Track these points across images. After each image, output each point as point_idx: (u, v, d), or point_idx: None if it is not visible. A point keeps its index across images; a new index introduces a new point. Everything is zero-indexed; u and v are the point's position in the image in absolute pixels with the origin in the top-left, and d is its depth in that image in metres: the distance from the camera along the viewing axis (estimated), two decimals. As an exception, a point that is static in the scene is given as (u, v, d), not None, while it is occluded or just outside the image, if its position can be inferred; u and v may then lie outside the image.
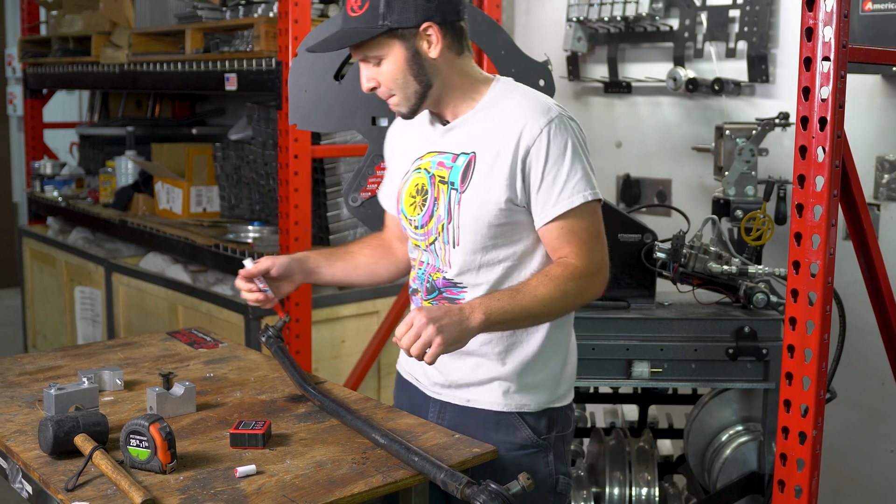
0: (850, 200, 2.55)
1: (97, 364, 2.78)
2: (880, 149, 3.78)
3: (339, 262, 2.66)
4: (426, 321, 2.06)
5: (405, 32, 2.22)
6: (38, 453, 2.12)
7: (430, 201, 2.35)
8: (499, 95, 2.34)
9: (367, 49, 2.25)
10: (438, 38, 2.24)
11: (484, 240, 2.30)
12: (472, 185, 2.28)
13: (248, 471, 2.02)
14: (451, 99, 2.34)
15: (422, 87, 2.28)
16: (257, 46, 4.27)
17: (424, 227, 2.38)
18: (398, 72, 2.26)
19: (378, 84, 2.30)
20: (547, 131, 2.22)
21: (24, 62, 6.95)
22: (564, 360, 2.43)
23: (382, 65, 2.26)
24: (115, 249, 5.99)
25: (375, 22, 2.20)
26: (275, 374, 2.73)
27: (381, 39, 2.23)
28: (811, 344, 2.34)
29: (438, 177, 2.33)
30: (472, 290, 2.33)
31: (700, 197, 4.36)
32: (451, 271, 2.35)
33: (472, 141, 2.31)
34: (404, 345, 2.08)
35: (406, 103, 2.31)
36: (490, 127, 2.29)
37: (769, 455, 3.12)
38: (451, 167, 2.31)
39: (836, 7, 2.24)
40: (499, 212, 2.26)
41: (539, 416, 2.38)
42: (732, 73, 4.22)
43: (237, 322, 4.39)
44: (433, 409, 2.47)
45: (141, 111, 7.10)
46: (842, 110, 2.30)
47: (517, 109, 2.28)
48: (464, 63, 2.33)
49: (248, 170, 5.08)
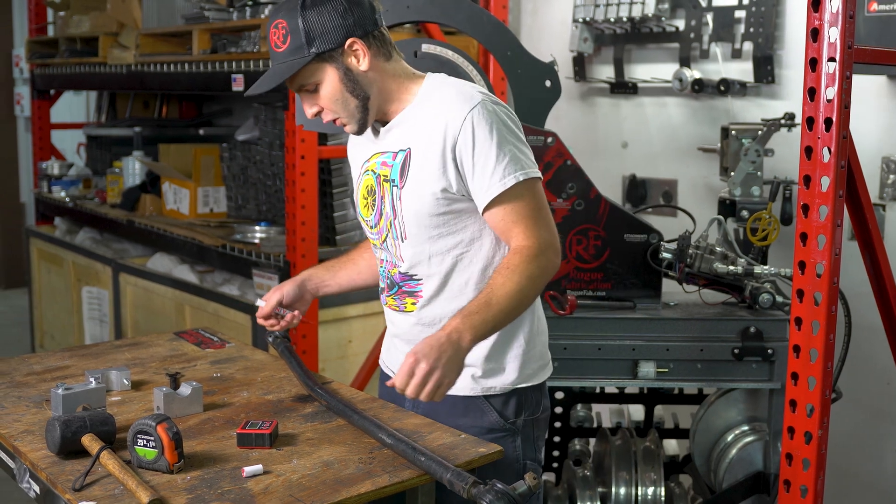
0: (856, 201, 2.55)
1: (104, 364, 2.78)
2: (886, 149, 3.78)
3: (341, 272, 2.73)
4: (428, 368, 2.08)
5: (332, 54, 2.28)
6: (45, 453, 2.13)
7: (378, 200, 2.42)
8: (427, 91, 2.38)
9: (300, 79, 2.31)
10: (364, 51, 2.30)
11: (428, 230, 2.35)
12: (410, 180, 2.33)
13: (254, 470, 2.03)
14: (388, 104, 2.39)
15: (360, 101, 2.33)
16: (264, 47, 4.28)
17: (377, 226, 2.45)
18: (336, 93, 2.31)
19: (320, 108, 2.36)
20: (470, 119, 2.25)
21: (32, 63, 6.96)
22: (529, 339, 2.44)
23: (320, 90, 2.32)
24: (123, 250, 6.00)
25: (301, 52, 2.26)
26: (282, 374, 2.74)
27: (311, 67, 2.29)
28: (817, 344, 2.34)
29: (382, 176, 2.40)
30: (428, 281, 2.39)
31: (706, 197, 4.36)
32: (403, 265, 2.42)
33: (406, 137, 2.36)
34: (411, 394, 2.10)
35: (352, 120, 2.36)
36: (420, 122, 2.34)
37: (775, 455, 3.12)
38: (392, 165, 2.37)
39: (841, 8, 2.24)
40: (436, 202, 2.31)
41: (506, 400, 2.41)
42: (738, 73, 4.23)
43: (244, 322, 4.39)
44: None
45: (148, 112, 7.11)
46: (847, 111, 2.31)
47: (442, 102, 2.31)
48: (394, 67, 2.38)
49: (255, 170, 5.09)
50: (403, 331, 2.49)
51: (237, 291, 4.74)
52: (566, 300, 3.13)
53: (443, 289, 2.40)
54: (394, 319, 2.53)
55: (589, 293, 3.28)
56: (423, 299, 2.42)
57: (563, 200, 3.23)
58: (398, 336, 2.53)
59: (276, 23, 2.29)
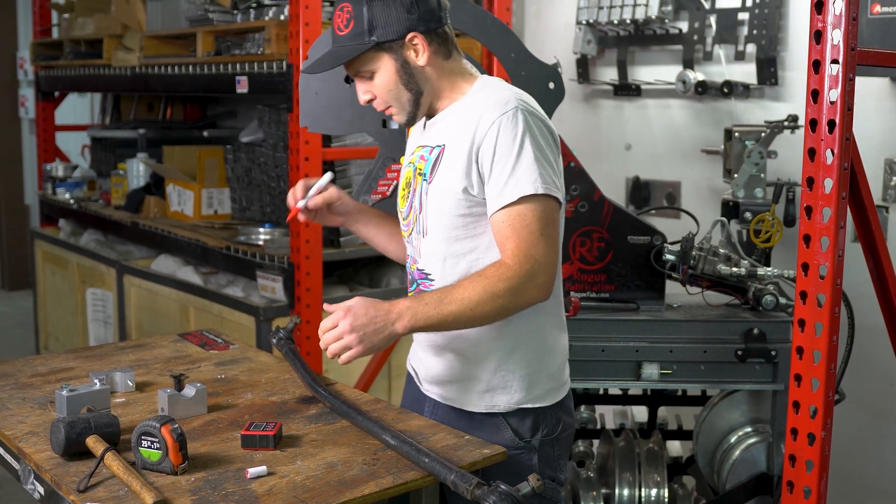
0: (859, 202, 2.55)
1: (109, 365, 2.79)
2: (889, 151, 3.78)
3: (385, 228, 2.69)
4: (349, 328, 2.11)
5: (392, 45, 2.29)
6: (50, 454, 2.14)
7: (411, 194, 2.43)
8: (476, 91, 2.38)
9: (358, 65, 2.33)
10: (424, 46, 2.30)
11: (447, 230, 2.34)
12: (437, 176, 2.34)
13: (259, 472, 2.03)
14: (439, 100, 2.40)
15: (413, 94, 2.35)
16: (268, 49, 4.29)
17: (406, 219, 2.47)
18: (390, 83, 2.33)
19: (373, 96, 2.37)
20: (498, 123, 2.22)
21: (36, 65, 6.98)
22: (539, 359, 2.40)
23: (375, 78, 2.33)
24: (127, 251, 6.01)
25: (363, 38, 2.27)
26: (286, 375, 2.74)
27: (369, 54, 2.30)
28: (820, 345, 2.34)
29: (418, 169, 2.41)
30: (440, 283, 2.37)
31: (709, 199, 4.36)
32: (421, 261, 2.42)
33: (443, 133, 2.37)
34: (323, 343, 2.15)
35: (402, 112, 2.38)
36: (458, 120, 2.34)
37: (778, 456, 3.12)
38: (427, 160, 2.38)
39: (844, 10, 2.24)
40: (457, 201, 2.30)
41: (522, 419, 2.38)
42: (741, 75, 4.23)
43: (248, 324, 4.40)
44: (428, 405, 2.51)
45: (152, 114, 7.13)
46: (850, 113, 2.30)
47: (480, 103, 2.31)
48: (452, 66, 2.39)
49: (259, 172, 5.10)
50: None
51: (241, 293, 4.75)
52: (570, 302, 3.13)
53: None
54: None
55: (592, 295, 3.28)
56: None
57: (566, 202, 3.23)
58: (414, 338, 2.54)
59: (342, 6, 2.30)
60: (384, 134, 3.28)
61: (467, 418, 2.39)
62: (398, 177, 3.23)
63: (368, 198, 3.28)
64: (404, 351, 4.69)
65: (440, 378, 2.45)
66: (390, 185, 3.25)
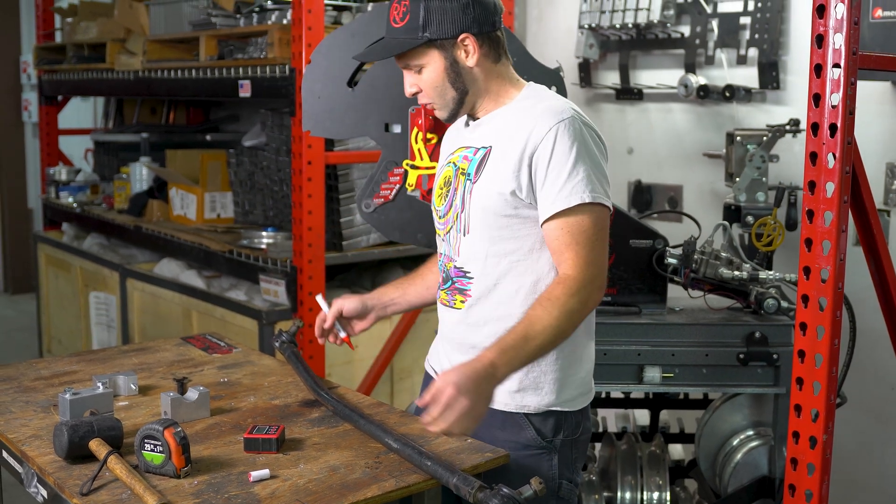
0: (861, 206, 2.55)
1: (112, 369, 2.80)
2: (890, 155, 3.78)
3: (410, 288, 2.73)
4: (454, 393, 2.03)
5: (444, 43, 2.33)
6: (53, 458, 2.14)
7: (451, 192, 2.44)
8: (527, 97, 2.42)
9: (408, 58, 2.37)
10: (475, 48, 2.34)
11: (490, 230, 2.35)
12: (483, 176, 2.36)
13: (261, 475, 2.04)
14: (484, 102, 2.43)
15: (458, 93, 2.38)
16: (271, 53, 4.30)
17: (444, 217, 2.47)
18: (437, 79, 2.36)
19: (419, 90, 2.41)
20: (555, 130, 2.27)
21: (40, 69, 6.99)
22: (570, 364, 2.42)
23: (423, 73, 2.37)
24: (130, 255, 6.02)
25: (416, 33, 2.32)
26: (288, 379, 2.75)
27: (421, 49, 2.34)
28: (822, 349, 2.35)
29: (461, 169, 2.43)
30: (480, 281, 2.39)
31: (711, 203, 4.36)
32: (459, 259, 2.42)
33: (491, 135, 2.39)
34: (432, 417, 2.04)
35: (445, 109, 2.41)
36: (508, 123, 2.37)
37: (780, 459, 3.13)
38: (471, 160, 2.41)
39: (846, 14, 2.25)
40: (504, 202, 2.32)
41: (545, 419, 2.39)
42: (743, 79, 4.23)
43: (251, 327, 4.40)
44: None
45: (155, 118, 7.14)
46: (852, 117, 2.31)
47: (534, 109, 2.35)
48: (500, 69, 2.43)
49: (262, 176, 5.10)
50: (449, 329, 2.50)
51: (244, 297, 4.75)
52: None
53: (491, 292, 2.39)
54: (443, 316, 2.53)
55: (595, 298, 3.28)
56: (472, 298, 2.41)
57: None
58: (444, 337, 2.54)
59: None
60: (386, 138, 3.29)
61: (490, 415, 2.33)
62: (400, 180, 3.24)
63: (371, 201, 3.29)
64: (406, 354, 4.71)
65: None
66: (393, 188, 3.26)
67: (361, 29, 3.28)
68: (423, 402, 2.08)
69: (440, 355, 2.56)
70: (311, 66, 3.33)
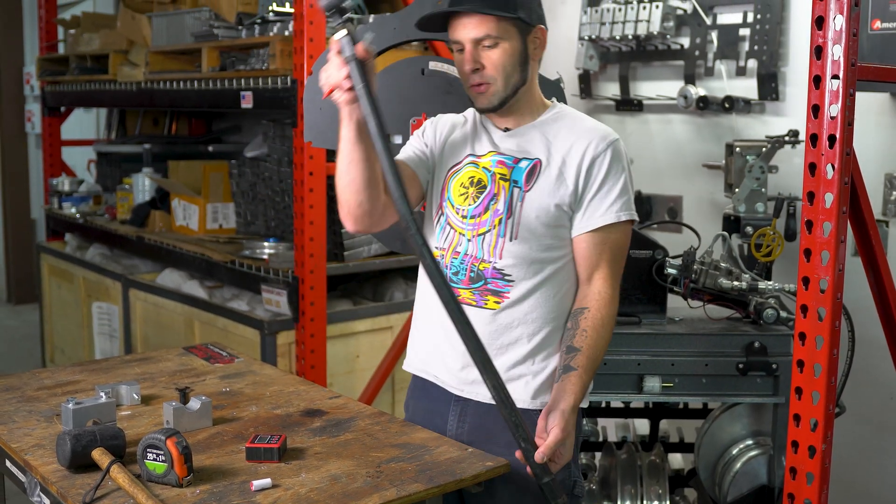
0: (859, 217, 2.57)
1: (114, 379, 2.81)
2: (889, 166, 3.79)
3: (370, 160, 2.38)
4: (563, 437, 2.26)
5: (526, 27, 2.40)
6: (56, 467, 2.15)
7: (488, 195, 2.44)
8: (559, 115, 2.50)
9: (490, 28, 2.35)
10: (544, 42, 2.46)
11: (542, 238, 2.41)
12: (537, 187, 2.40)
13: (263, 484, 2.05)
14: (520, 107, 2.48)
15: (521, 81, 2.43)
16: (273, 65, 4.31)
17: (476, 218, 2.44)
18: (509, 60, 2.38)
19: (483, 67, 2.39)
20: (612, 149, 2.41)
21: (43, 80, 7.01)
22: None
23: (496, 50, 2.37)
24: (132, 265, 6.03)
25: (509, 7, 2.34)
26: (290, 388, 2.76)
27: (507, 24, 2.36)
28: (820, 359, 2.36)
29: (499, 174, 2.44)
30: (520, 285, 2.41)
31: (710, 213, 4.38)
32: (501, 262, 2.42)
33: (535, 149, 2.44)
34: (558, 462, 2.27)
35: (500, 94, 2.41)
36: (555, 139, 2.44)
37: (779, 469, 3.13)
38: (513, 167, 2.43)
39: (844, 26, 2.26)
40: (558, 214, 2.40)
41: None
42: (743, 90, 4.25)
43: (253, 337, 4.41)
44: (454, 409, 2.50)
45: (158, 129, 7.16)
46: (851, 128, 2.33)
47: (583, 127, 2.45)
48: (536, 75, 2.51)
49: (264, 187, 5.11)
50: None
51: (246, 307, 4.76)
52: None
53: (529, 296, 2.42)
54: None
55: (595, 308, 3.29)
56: (509, 301, 2.41)
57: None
58: (449, 340, 2.45)
59: None
60: (388, 149, 3.30)
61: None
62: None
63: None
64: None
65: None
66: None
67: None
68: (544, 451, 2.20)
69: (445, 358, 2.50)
70: (312, 78, 3.35)
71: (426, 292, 2.56)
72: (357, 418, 2.50)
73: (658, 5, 4.39)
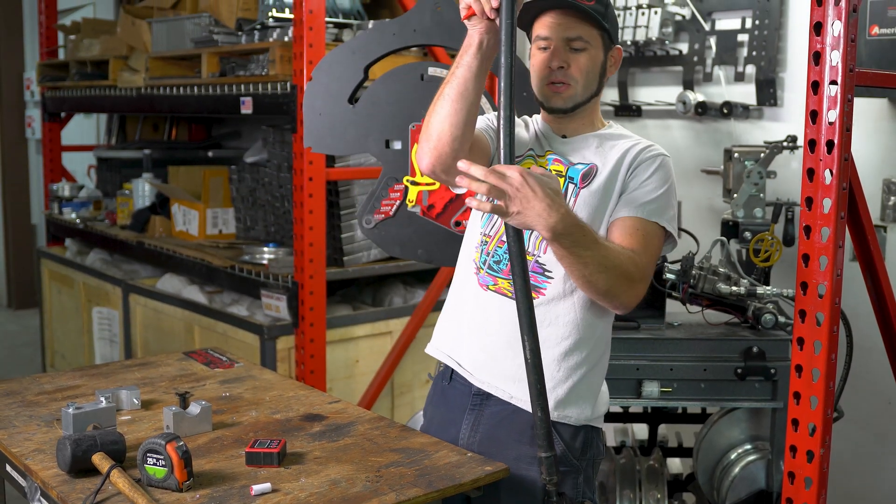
0: (857, 222, 2.57)
1: (115, 383, 2.81)
2: (887, 171, 3.80)
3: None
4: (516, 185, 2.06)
5: (608, 43, 2.45)
6: (56, 472, 2.15)
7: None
8: (615, 131, 2.53)
9: (583, 30, 2.39)
10: (618, 62, 2.51)
11: None
12: (592, 186, 2.38)
13: (263, 489, 2.05)
14: (584, 116, 2.50)
15: (596, 89, 2.47)
16: (272, 70, 4.32)
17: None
18: (592, 67, 2.42)
19: (568, 65, 2.40)
20: (662, 159, 2.42)
21: (43, 86, 7.03)
22: (601, 381, 2.47)
23: (583, 54, 2.40)
24: (133, 271, 6.04)
25: (601, 16, 2.38)
26: (290, 393, 2.76)
27: (597, 32, 2.41)
28: (819, 364, 2.36)
29: (555, 171, 2.42)
30: (558, 282, 2.37)
31: (709, 219, 4.38)
32: (545, 256, 2.38)
33: (591, 156, 2.44)
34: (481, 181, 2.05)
35: (578, 97, 2.43)
36: (609, 150, 2.43)
37: (777, 473, 3.14)
38: (569, 166, 2.42)
39: (843, 32, 2.27)
40: (604, 218, 2.38)
41: (575, 435, 2.39)
42: (741, 96, 4.26)
43: (252, 342, 4.42)
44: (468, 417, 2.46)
45: (158, 134, 7.16)
46: (849, 133, 2.33)
47: (634, 140, 2.47)
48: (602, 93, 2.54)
49: (264, 192, 5.13)
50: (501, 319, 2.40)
51: (246, 312, 4.77)
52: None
53: (566, 296, 2.38)
54: (497, 306, 2.41)
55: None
56: (545, 297, 2.38)
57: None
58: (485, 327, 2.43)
59: None
60: (387, 154, 3.31)
61: (518, 430, 2.36)
62: (401, 196, 3.26)
63: (371, 217, 3.31)
64: (407, 369, 4.72)
65: (510, 375, 2.40)
66: (393, 204, 3.28)
67: (362, 46, 3.31)
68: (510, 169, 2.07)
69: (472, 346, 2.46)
70: (312, 83, 3.36)
71: (462, 280, 2.53)
72: (356, 423, 2.50)
73: (657, 11, 4.40)
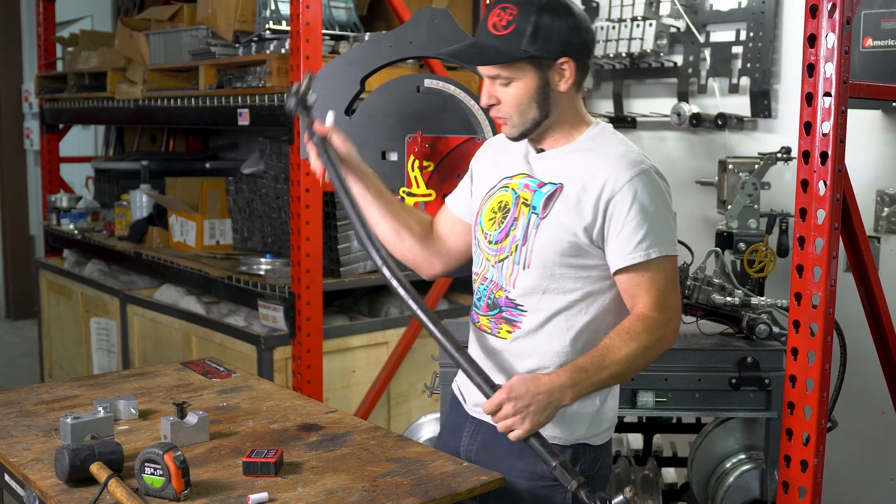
0: (851, 233, 2.58)
1: (112, 393, 2.81)
2: (880, 182, 3.82)
3: (385, 198, 2.56)
4: (512, 411, 2.13)
5: (543, 62, 2.25)
6: (54, 481, 2.16)
7: (510, 220, 2.36)
8: (596, 137, 2.36)
9: (501, 69, 2.26)
10: (571, 74, 2.28)
11: (553, 267, 2.30)
12: (552, 214, 2.29)
13: (260, 498, 2.05)
14: (554, 131, 2.36)
15: (540, 116, 2.30)
16: (269, 82, 4.34)
17: (499, 244, 2.38)
18: (524, 97, 2.27)
19: (498, 102, 2.31)
20: (635, 182, 2.24)
21: (41, 98, 7.04)
22: (604, 401, 2.40)
23: (510, 87, 2.27)
24: (130, 281, 6.05)
25: (518, 46, 2.22)
26: (286, 403, 2.77)
27: (518, 64, 2.24)
28: (812, 374, 2.38)
29: (522, 199, 2.35)
30: (532, 315, 2.33)
31: (703, 230, 4.40)
32: (514, 291, 2.34)
33: (561, 173, 2.32)
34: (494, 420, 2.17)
35: (518, 128, 2.32)
36: (581, 164, 2.30)
37: (771, 483, 3.14)
38: (535, 192, 2.33)
39: (836, 44, 2.29)
40: (569, 244, 2.28)
41: (563, 451, 2.32)
42: (735, 108, 4.28)
43: (250, 352, 4.43)
44: (469, 426, 2.49)
45: (155, 146, 7.18)
46: (842, 145, 2.35)
47: (610, 155, 2.29)
48: (577, 101, 2.37)
49: (261, 203, 5.14)
50: (487, 354, 2.42)
51: (243, 322, 4.78)
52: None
53: (542, 327, 2.33)
54: (482, 341, 2.45)
55: (589, 324, 3.30)
56: (521, 331, 2.35)
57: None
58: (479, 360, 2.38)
59: (505, 5, 2.24)
60: (383, 166, 3.32)
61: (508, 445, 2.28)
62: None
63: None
64: (403, 379, 4.73)
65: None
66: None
67: (359, 58, 3.32)
68: (489, 405, 2.15)
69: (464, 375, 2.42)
70: (309, 95, 3.37)
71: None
72: (353, 433, 2.51)
73: (651, 23, 4.42)
